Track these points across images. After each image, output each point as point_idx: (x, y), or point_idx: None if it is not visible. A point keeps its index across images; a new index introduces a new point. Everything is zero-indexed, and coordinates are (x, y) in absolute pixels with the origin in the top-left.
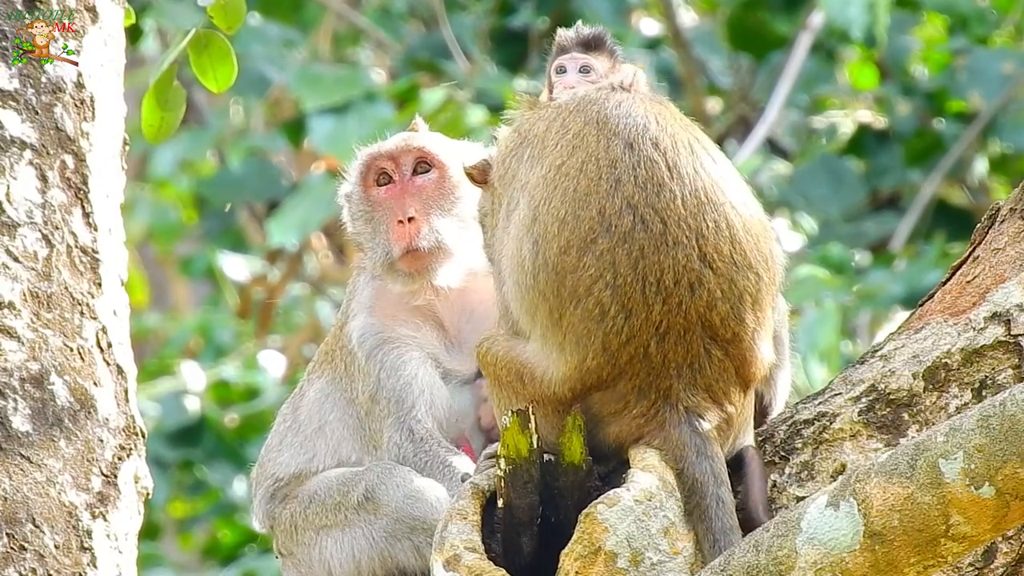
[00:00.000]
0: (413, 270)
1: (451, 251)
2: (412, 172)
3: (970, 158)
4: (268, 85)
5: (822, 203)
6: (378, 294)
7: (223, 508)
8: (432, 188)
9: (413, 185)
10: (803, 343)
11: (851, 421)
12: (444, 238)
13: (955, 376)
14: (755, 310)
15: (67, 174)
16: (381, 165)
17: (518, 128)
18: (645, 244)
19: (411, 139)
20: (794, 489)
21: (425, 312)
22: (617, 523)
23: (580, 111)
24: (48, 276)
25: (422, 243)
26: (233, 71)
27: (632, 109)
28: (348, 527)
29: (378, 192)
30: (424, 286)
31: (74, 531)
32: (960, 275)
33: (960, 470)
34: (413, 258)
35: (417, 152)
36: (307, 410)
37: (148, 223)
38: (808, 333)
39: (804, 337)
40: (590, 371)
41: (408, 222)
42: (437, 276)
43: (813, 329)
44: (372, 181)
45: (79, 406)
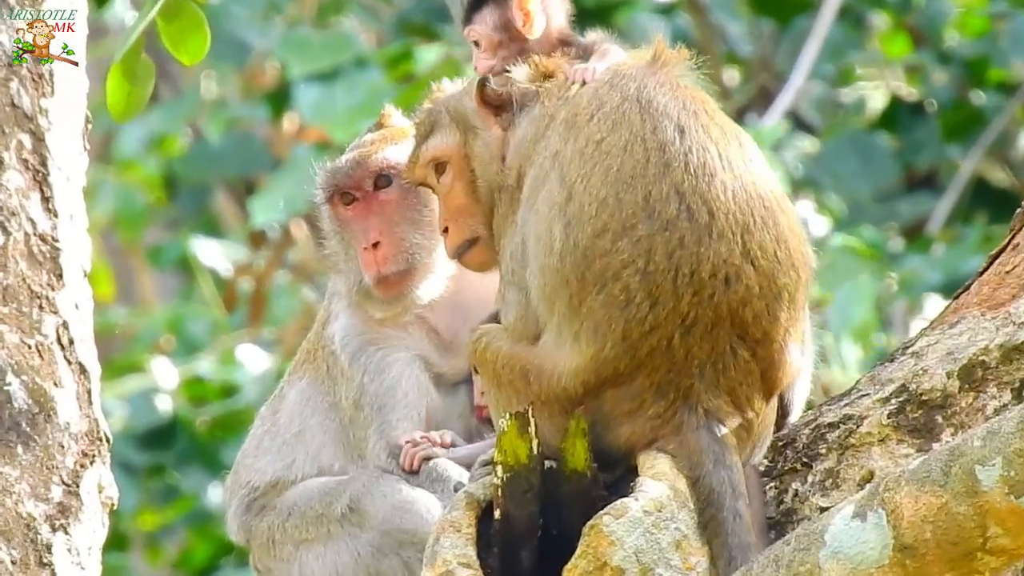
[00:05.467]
0: (389, 297)
1: (426, 267)
2: (374, 187)
3: (1013, 132)
4: (248, 52)
5: (851, 183)
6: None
7: (197, 517)
8: (396, 202)
9: (376, 202)
10: (835, 322)
11: (880, 424)
12: (415, 257)
13: (993, 375)
14: (790, 309)
15: (24, 155)
16: (341, 186)
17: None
18: (687, 234)
19: (366, 157)
20: (817, 498)
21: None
22: (625, 536)
23: (614, 86)
24: (4, 266)
25: (392, 269)
26: (206, 42)
27: (678, 93)
28: (331, 541)
29: (344, 212)
30: (406, 307)
31: (32, 545)
32: (999, 264)
33: (999, 477)
34: (386, 286)
35: (374, 170)
36: (287, 413)
37: (113, 208)
38: (841, 310)
39: (836, 315)
40: (607, 362)
41: (374, 248)
42: (416, 296)
43: (846, 306)
44: (337, 200)
45: (38, 409)
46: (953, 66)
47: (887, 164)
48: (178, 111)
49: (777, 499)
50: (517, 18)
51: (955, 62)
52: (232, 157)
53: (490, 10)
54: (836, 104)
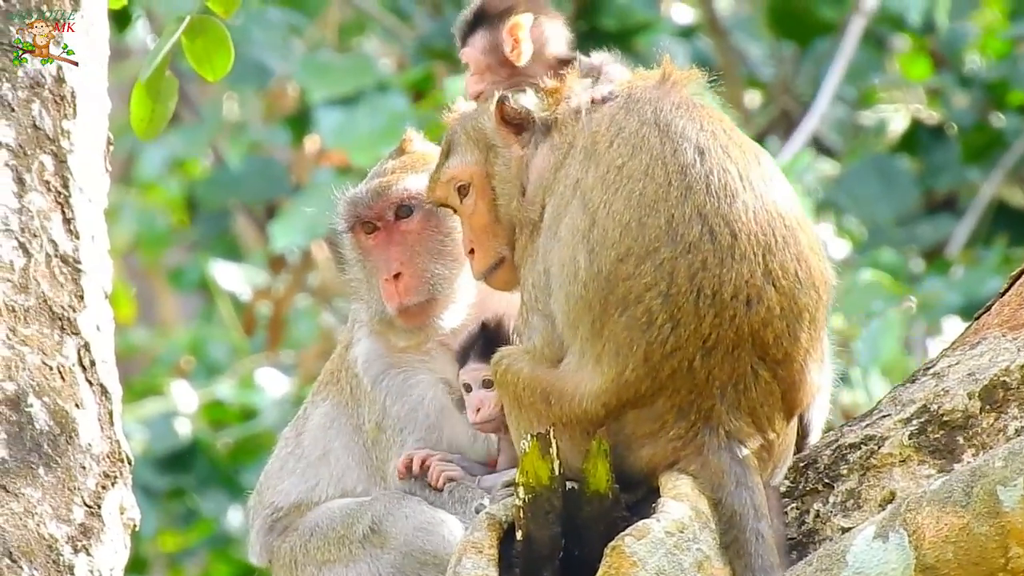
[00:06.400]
0: (411, 326)
1: (448, 297)
2: (395, 217)
3: None
4: (269, 75)
5: (872, 205)
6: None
7: (217, 540)
8: (417, 232)
9: (398, 232)
10: (864, 356)
11: (901, 445)
12: (437, 287)
13: (1014, 395)
14: (811, 329)
15: (46, 176)
16: (362, 216)
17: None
18: (709, 256)
19: (387, 187)
20: (839, 519)
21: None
22: (647, 557)
23: (630, 111)
24: (25, 288)
25: (413, 300)
26: (230, 58)
27: (694, 113)
28: (353, 562)
29: (366, 240)
30: (428, 335)
31: (55, 566)
32: (1019, 286)
33: (1020, 498)
34: (408, 316)
35: (395, 200)
36: (311, 435)
37: (134, 230)
38: (870, 344)
39: (865, 349)
40: (628, 384)
41: (396, 279)
42: (438, 325)
43: (875, 340)
44: (359, 229)
45: (59, 430)
46: (974, 89)
47: (908, 187)
48: (199, 134)
49: (799, 520)
50: (506, 43)
51: (976, 85)
52: (253, 180)
53: (482, 33)
54: (857, 127)
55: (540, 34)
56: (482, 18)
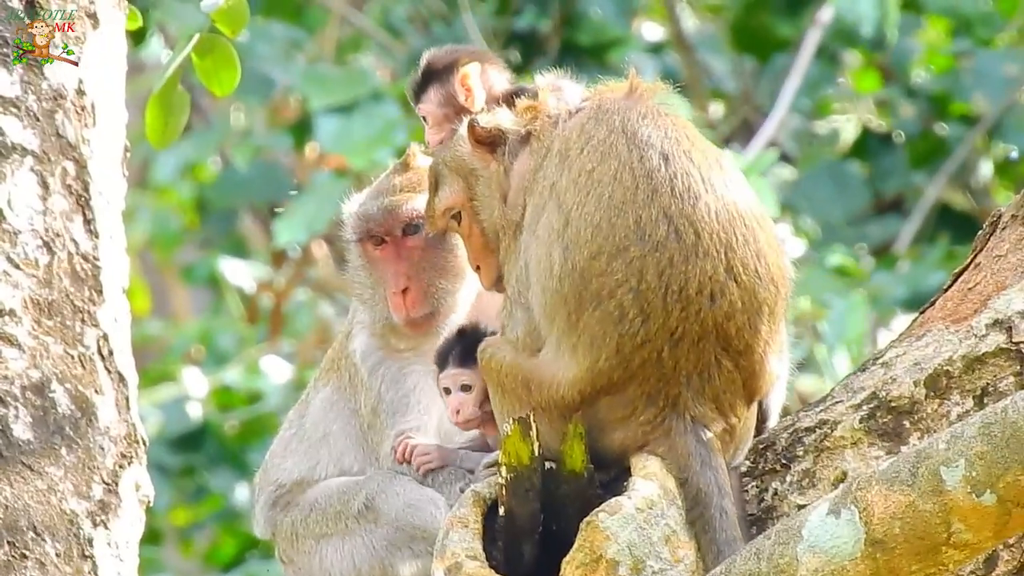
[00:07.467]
0: (416, 335)
1: (450, 308)
2: (403, 234)
3: (974, 161)
4: (272, 86)
5: (825, 207)
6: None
7: (225, 514)
8: (423, 249)
9: (405, 248)
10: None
11: (852, 429)
12: (441, 300)
13: (956, 383)
14: (770, 322)
15: (68, 181)
16: (372, 231)
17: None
18: (675, 254)
19: (397, 206)
20: (795, 497)
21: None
22: (619, 531)
23: (599, 120)
24: (49, 283)
25: (419, 312)
26: (237, 75)
27: (659, 122)
28: (348, 535)
29: (374, 252)
30: (428, 339)
31: (75, 539)
32: (961, 282)
33: (962, 477)
34: (414, 326)
35: (404, 219)
36: (312, 418)
37: (149, 230)
38: (836, 323)
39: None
40: (602, 373)
41: (403, 293)
42: (439, 332)
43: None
44: (367, 241)
45: (80, 414)
46: (919, 100)
47: (858, 190)
48: (208, 141)
49: (758, 497)
50: (459, 93)
51: (921, 96)
52: (258, 183)
53: (435, 88)
54: (812, 135)
55: (487, 79)
56: (431, 75)
